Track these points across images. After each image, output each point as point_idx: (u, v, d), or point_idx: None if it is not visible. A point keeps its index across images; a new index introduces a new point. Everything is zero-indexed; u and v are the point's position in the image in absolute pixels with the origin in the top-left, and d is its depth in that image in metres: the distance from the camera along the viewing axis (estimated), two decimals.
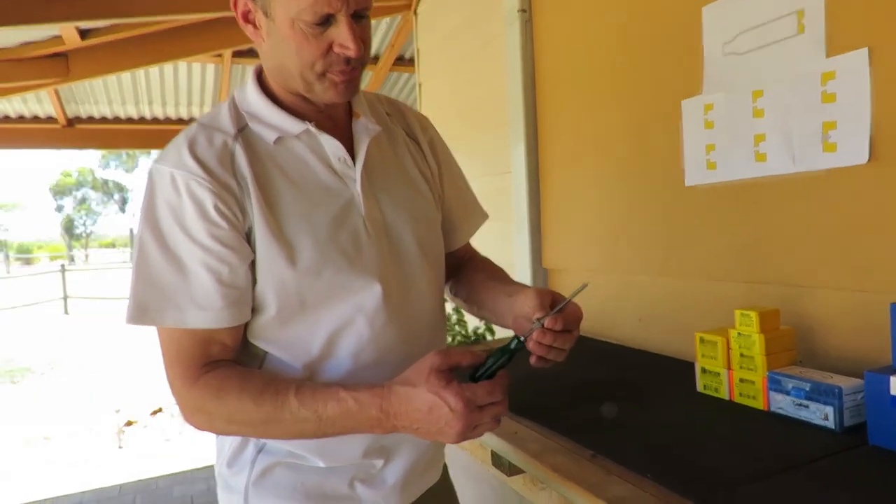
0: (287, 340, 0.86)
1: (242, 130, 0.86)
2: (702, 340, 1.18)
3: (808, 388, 0.99)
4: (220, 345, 0.83)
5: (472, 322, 2.11)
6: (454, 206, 1.06)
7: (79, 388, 6.37)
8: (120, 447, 4.24)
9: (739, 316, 1.12)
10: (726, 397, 1.14)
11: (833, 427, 0.95)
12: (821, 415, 0.97)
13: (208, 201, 0.79)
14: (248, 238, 0.82)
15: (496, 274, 1.06)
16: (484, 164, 2.29)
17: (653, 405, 1.15)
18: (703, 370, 1.18)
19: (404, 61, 3.92)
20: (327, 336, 0.85)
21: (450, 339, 1.99)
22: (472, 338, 1.97)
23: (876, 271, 1.09)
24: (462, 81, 2.53)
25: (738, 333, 1.12)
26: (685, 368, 1.26)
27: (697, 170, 1.42)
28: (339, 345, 0.86)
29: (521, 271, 2.05)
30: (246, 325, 0.85)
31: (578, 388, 1.26)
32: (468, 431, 0.74)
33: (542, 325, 0.80)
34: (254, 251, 0.82)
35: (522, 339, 0.80)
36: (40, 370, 7.49)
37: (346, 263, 0.85)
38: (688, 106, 1.43)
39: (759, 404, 1.08)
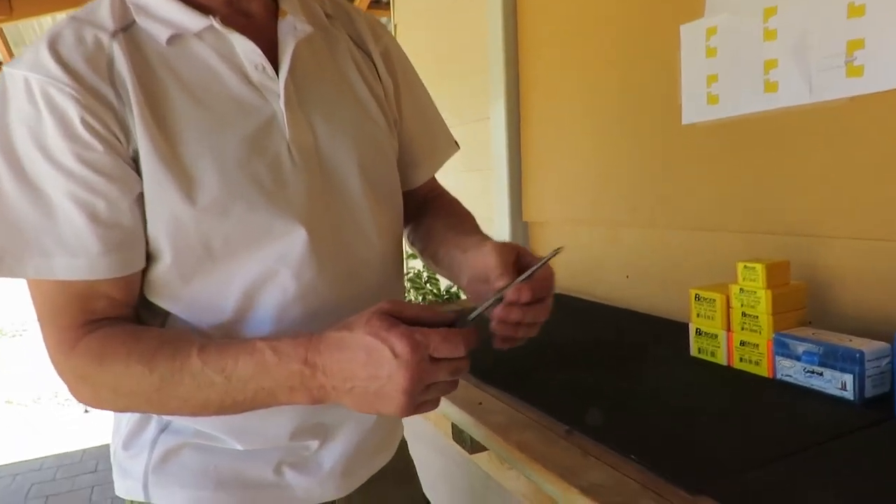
0: (192, 298, 0.68)
1: (128, 28, 0.67)
2: (697, 298, 1.03)
3: (821, 353, 0.84)
4: (106, 299, 0.66)
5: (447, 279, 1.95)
6: (415, 134, 0.87)
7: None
8: (86, 411, 4.08)
9: (742, 269, 0.96)
10: (724, 362, 0.99)
11: (851, 398, 0.81)
12: (837, 384, 0.83)
13: (73, 113, 0.61)
14: (136, 165, 0.64)
15: (459, 221, 0.87)
16: (462, 109, 2.10)
17: (640, 372, 1.00)
18: (699, 332, 1.03)
19: (381, 4, 3.66)
20: (242, 292, 0.68)
21: (420, 299, 1.82)
22: (445, 296, 1.81)
23: None
24: (440, 17, 2.31)
25: (741, 289, 0.96)
26: (678, 330, 1.11)
27: (697, 105, 1.24)
28: (259, 302, 0.69)
29: (499, 225, 1.88)
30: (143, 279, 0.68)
31: (556, 351, 1.11)
32: (417, 392, 0.56)
33: (501, 300, 0.63)
34: (142, 181, 0.64)
35: (471, 317, 0.61)
36: (11, 332, 7.29)
37: (262, 200, 0.67)
38: (687, 31, 1.24)
39: (762, 371, 0.93)
